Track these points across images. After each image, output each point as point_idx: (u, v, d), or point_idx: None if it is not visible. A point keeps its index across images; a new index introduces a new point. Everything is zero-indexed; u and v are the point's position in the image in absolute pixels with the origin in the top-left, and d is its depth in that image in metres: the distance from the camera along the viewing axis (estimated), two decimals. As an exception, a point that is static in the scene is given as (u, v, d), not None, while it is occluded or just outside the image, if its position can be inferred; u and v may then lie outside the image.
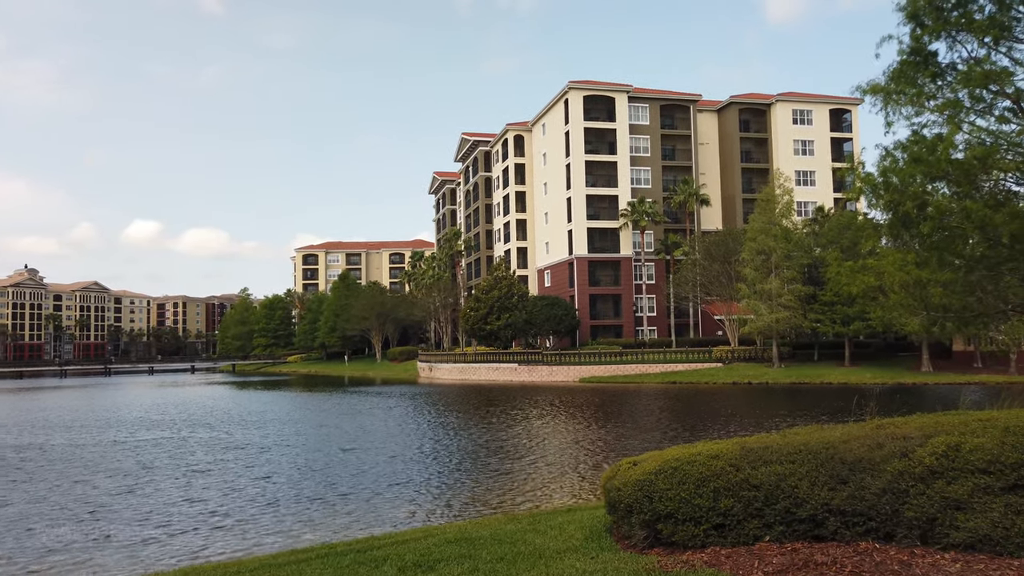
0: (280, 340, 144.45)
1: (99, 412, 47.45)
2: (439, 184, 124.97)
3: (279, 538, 14.69)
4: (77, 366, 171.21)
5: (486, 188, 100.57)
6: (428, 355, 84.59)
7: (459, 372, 74.10)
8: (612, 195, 78.57)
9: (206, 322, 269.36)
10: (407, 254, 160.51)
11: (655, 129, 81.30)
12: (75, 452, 27.83)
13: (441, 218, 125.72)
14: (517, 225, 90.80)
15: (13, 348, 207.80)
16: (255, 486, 19.95)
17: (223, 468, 22.94)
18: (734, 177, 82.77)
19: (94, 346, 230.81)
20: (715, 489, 7.77)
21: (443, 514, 16.43)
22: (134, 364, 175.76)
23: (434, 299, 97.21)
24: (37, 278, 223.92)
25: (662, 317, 77.73)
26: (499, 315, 73.82)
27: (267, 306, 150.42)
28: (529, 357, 67.76)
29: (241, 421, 38.24)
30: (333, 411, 42.87)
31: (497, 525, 12.13)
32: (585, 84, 79.25)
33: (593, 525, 10.47)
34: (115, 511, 17.30)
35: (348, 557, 10.57)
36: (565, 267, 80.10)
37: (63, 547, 14.39)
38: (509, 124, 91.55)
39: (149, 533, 15.26)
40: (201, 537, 14.86)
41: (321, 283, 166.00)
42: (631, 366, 62.46)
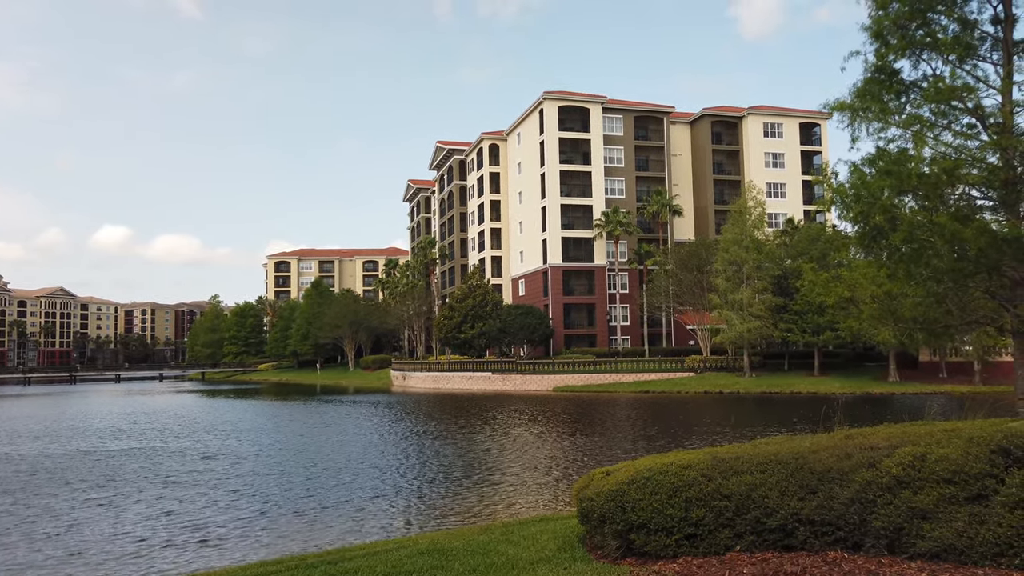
0: (251, 348, 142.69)
1: (66, 421, 46.44)
2: (414, 192, 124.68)
3: (251, 550, 14.48)
4: (41, 374, 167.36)
5: (461, 197, 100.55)
6: (402, 363, 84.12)
7: (433, 381, 73.80)
8: (586, 205, 79.01)
9: (175, 329, 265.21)
10: (381, 262, 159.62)
11: (629, 140, 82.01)
12: (44, 463, 27.21)
13: (416, 226, 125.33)
14: (492, 234, 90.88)
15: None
16: (228, 497, 19.65)
17: (196, 479, 22.57)
18: (706, 188, 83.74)
19: (59, 353, 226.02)
20: (687, 499, 7.82)
21: (416, 525, 16.33)
22: (100, 372, 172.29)
23: (408, 307, 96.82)
24: (1, 284, 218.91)
25: (635, 326, 78.21)
26: (473, 323, 73.70)
27: (238, 313, 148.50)
28: (503, 366, 67.72)
29: (213, 431, 37.68)
30: (305, 420, 42.40)
31: (470, 536, 12.08)
32: (560, 95, 79.71)
33: (566, 535, 10.48)
34: (88, 525, 16.94)
35: (319, 569, 10.47)
36: (540, 276, 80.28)
37: (40, 563, 14.05)
38: (484, 133, 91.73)
39: (122, 548, 14.96)
40: (176, 551, 14.60)
41: (293, 290, 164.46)
42: (605, 375, 62.70)
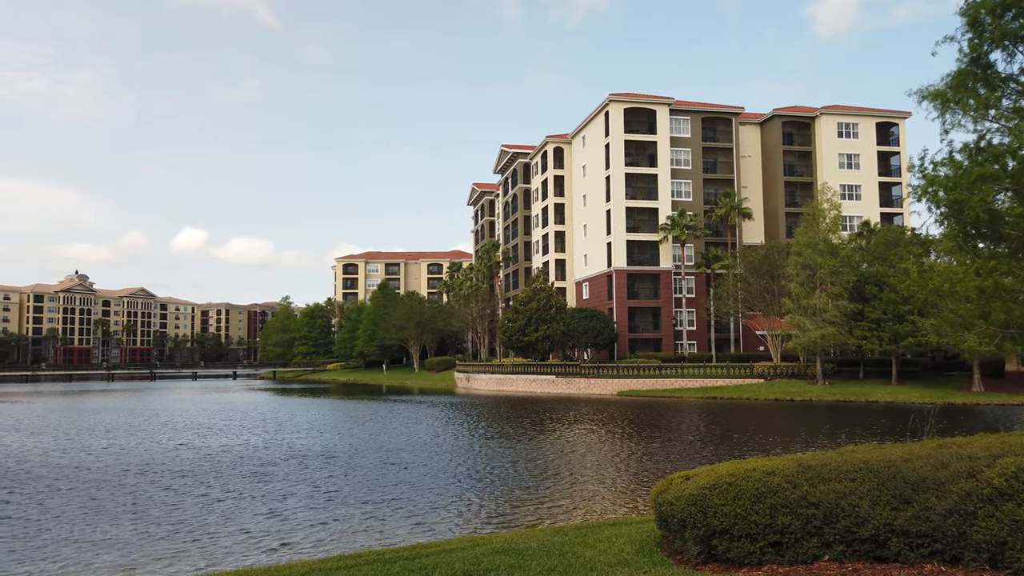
0: (320, 348, 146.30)
1: (159, 417, 48.63)
2: (478, 195, 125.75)
3: (328, 544, 14.86)
4: (124, 370, 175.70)
5: (525, 200, 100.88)
6: (465, 365, 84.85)
7: (496, 383, 74.18)
8: (652, 208, 78.16)
9: (248, 329, 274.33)
10: (445, 264, 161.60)
11: (696, 142, 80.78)
12: (145, 457, 28.54)
13: (480, 229, 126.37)
14: (556, 237, 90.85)
15: (63, 352, 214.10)
16: (307, 492, 20.24)
17: (283, 475, 23.27)
18: (777, 191, 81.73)
19: (140, 351, 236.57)
20: (772, 506, 7.68)
21: (487, 524, 16.46)
22: (178, 369, 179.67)
23: (472, 309, 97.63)
24: (87, 284, 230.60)
25: (702, 331, 76.89)
26: (537, 326, 73.81)
27: (308, 314, 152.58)
28: (567, 369, 67.55)
29: (293, 429, 38.82)
30: (376, 420, 43.25)
31: (544, 536, 12.12)
32: (626, 96, 79.14)
33: (643, 539, 10.41)
34: (187, 521, 17.70)
35: (397, 564, 10.67)
36: (604, 279, 79.82)
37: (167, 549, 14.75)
38: (549, 136, 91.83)
39: (230, 532, 15.57)
40: (268, 540, 15.11)
41: (360, 292, 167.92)
42: (670, 380, 61.85)
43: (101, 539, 15.30)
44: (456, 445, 30.36)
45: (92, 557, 13.98)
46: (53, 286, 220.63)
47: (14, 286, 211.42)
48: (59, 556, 14.06)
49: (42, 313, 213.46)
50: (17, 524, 16.74)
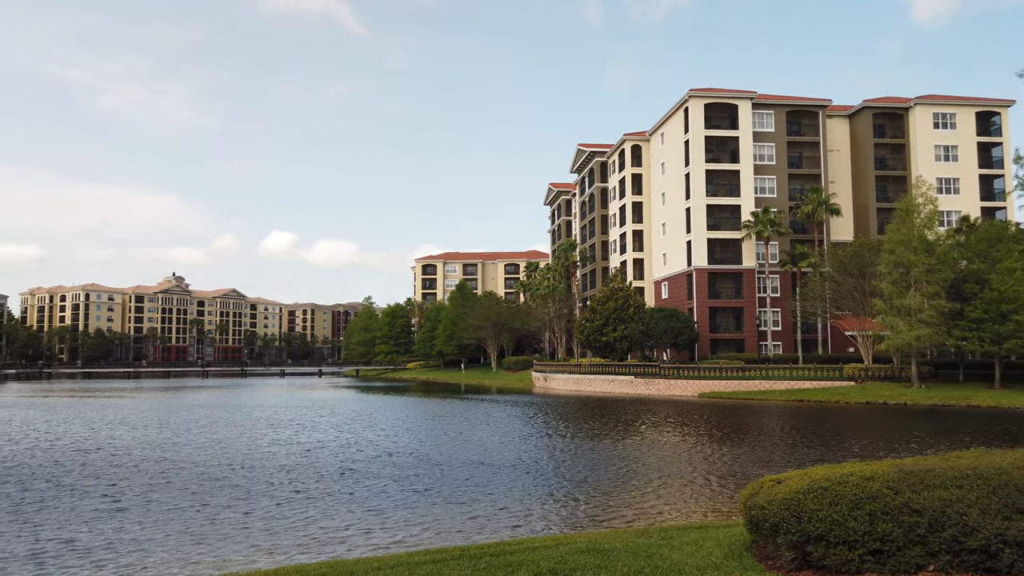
0: (401, 347, 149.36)
1: (254, 412, 50.83)
2: (555, 195, 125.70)
3: (413, 539, 15.18)
4: (217, 368, 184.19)
5: (602, 199, 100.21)
6: (543, 365, 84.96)
7: (574, 383, 73.98)
8: (734, 205, 76.29)
9: (332, 328, 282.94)
10: (522, 264, 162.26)
11: (781, 136, 78.34)
12: (245, 452, 29.92)
13: (556, 229, 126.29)
14: (633, 236, 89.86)
15: (161, 350, 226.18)
16: (394, 488, 20.76)
17: (376, 472, 23.88)
18: (867, 185, 78.37)
19: (232, 349, 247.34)
20: (871, 512, 7.42)
21: (569, 523, 16.47)
22: (267, 367, 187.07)
23: (549, 309, 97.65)
24: (183, 285, 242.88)
25: (788, 332, 74.53)
26: (615, 326, 73.20)
27: (389, 314, 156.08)
28: (646, 370, 66.72)
29: (381, 426, 39.84)
30: (458, 418, 43.90)
31: (628, 538, 12.04)
32: (706, 92, 77.52)
33: (731, 543, 10.21)
34: (289, 510, 18.49)
35: (483, 560, 10.82)
36: (684, 279, 78.44)
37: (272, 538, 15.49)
38: (626, 134, 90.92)
39: (307, 532, 16.19)
40: (359, 534, 15.61)
41: (439, 293, 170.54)
42: (754, 382, 60.22)
43: (205, 531, 16.11)
44: (537, 444, 30.47)
45: (194, 548, 14.74)
46: (152, 287, 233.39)
47: (117, 288, 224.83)
48: (166, 547, 14.89)
49: (142, 313, 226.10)
50: (130, 515, 17.81)
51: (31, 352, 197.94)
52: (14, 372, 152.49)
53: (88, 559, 13.74)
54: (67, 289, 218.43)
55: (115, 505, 18.47)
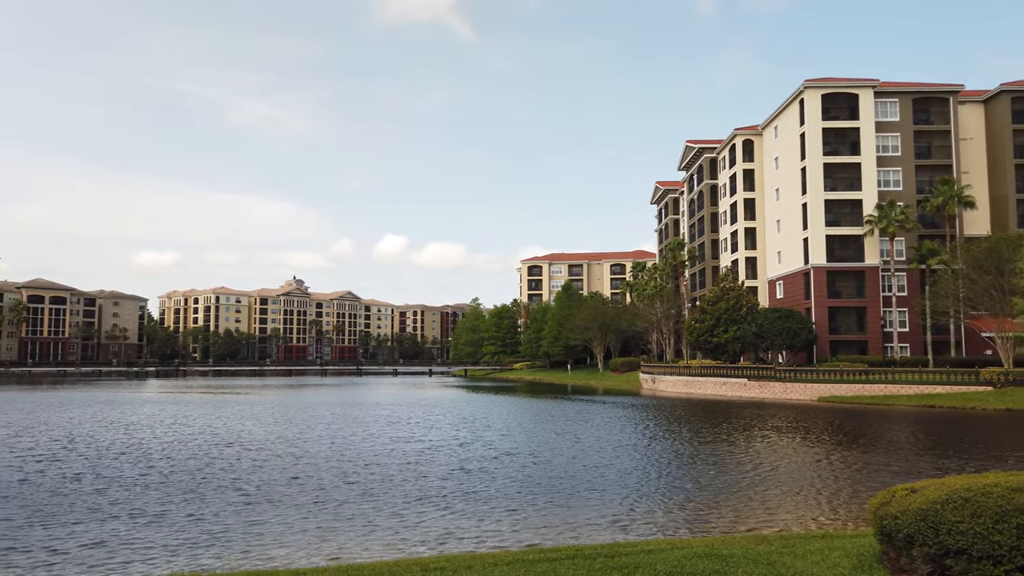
0: (507, 348, 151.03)
1: (367, 410, 53.00)
2: (661, 194, 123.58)
3: (523, 536, 15.37)
4: (334, 367, 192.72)
5: (711, 196, 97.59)
6: (651, 366, 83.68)
7: (683, 385, 72.43)
8: (855, 199, 72.39)
9: (441, 329, 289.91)
10: (628, 264, 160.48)
11: (906, 126, 73.65)
12: (363, 448, 31.30)
13: (663, 228, 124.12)
14: (745, 234, 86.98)
15: (283, 349, 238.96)
16: (504, 486, 21.12)
17: (492, 470, 24.35)
18: (1006, 176, 72.40)
19: (347, 349, 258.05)
20: (1019, 526, 6.94)
21: (681, 527, 16.20)
22: (380, 366, 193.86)
23: (656, 310, 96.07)
24: (303, 288, 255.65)
25: (916, 333, 69.97)
26: (726, 327, 71.12)
27: (495, 315, 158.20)
28: (760, 372, 64.41)
29: (496, 427, 40.57)
30: (566, 419, 44.02)
31: (747, 544, 11.74)
32: (823, 82, 74.01)
33: (860, 554, 9.77)
34: (404, 505, 19.24)
35: (598, 561, 10.84)
36: (800, 277, 75.19)
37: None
38: (737, 129, 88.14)
39: (423, 528, 16.75)
40: (473, 529, 16.02)
41: (545, 293, 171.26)
42: (879, 386, 56.90)
43: (332, 525, 16.96)
44: (648, 446, 30.11)
45: (320, 541, 15.53)
46: (275, 290, 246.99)
47: (244, 291, 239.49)
48: (295, 539, 15.77)
49: (266, 315, 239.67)
50: (262, 508, 18.99)
51: (168, 351, 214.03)
52: (154, 369, 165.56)
53: (225, 548, 14.76)
54: (200, 292, 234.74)
55: (246, 497, 19.73)
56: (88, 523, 15.94)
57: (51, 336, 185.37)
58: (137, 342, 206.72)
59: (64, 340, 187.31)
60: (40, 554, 13.74)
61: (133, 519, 16.61)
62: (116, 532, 15.32)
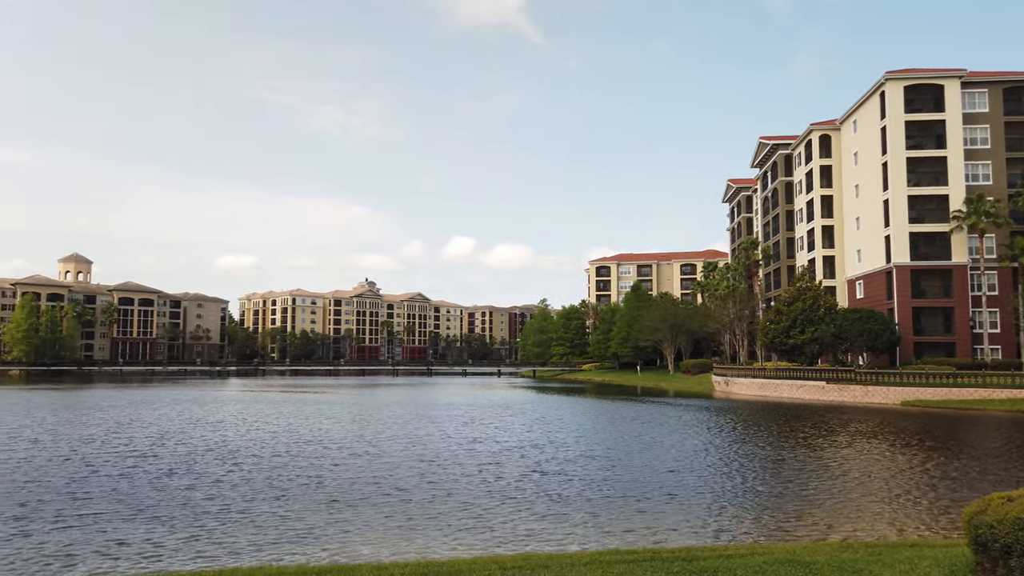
0: (575, 349, 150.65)
1: (443, 410, 53.90)
2: (734, 192, 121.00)
3: (596, 538, 15.43)
4: (405, 367, 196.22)
5: (786, 193, 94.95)
6: (723, 368, 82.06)
7: (758, 388, 70.75)
8: (940, 195, 69.23)
9: (509, 330, 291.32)
10: (699, 264, 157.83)
11: (997, 116, 69.99)
12: (440, 447, 31.96)
13: (736, 227, 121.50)
14: (822, 232, 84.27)
15: (356, 349, 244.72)
16: (585, 488, 21.22)
17: (569, 472, 24.47)
18: (1109, 166, 67.91)
19: (417, 349, 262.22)
20: None
21: (760, 532, 15.94)
22: (450, 367, 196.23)
23: (729, 311, 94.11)
24: (375, 290, 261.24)
25: (1009, 334, 66.37)
26: (803, 329, 69.10)
27: (563, 316, 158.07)
28: (839, 375, 62.34)
29: (570, 428, 40.68)
30: (638, 420, 43.70)
31: (831, 552, 11.51)
32: (905, 73, 71.09)
33: (952, 563, 9.48)
34: (477, 502, 19.61)
35: (676, 564, 10.83)
36: (881, 276, 72.39)
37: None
38: (813, 124, 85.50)
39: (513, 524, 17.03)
40: (549, 529, 16.21)
41: (613, 294, 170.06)
42: (969, 390, 54.26)
43: (412, 523, 17.40)
44: (724, 450, 29.65)
45: (401, 540, 15.95)
46: (348, 292, 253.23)
47: (319, 292, 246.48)
48: (377, 536, 16.24)
49: (340, 316, 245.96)
50: (339, 508, 19.62)
51: (248, 351, 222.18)
52: (235, 369, 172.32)
53: (309, 545, 15.36)
54: (277, 294, 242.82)
55: (329, 495, 20.41)
56: (181, 518, 16.78)
57: (140, 336, 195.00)
58: (219, 342, 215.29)
59: (152, 340, 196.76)
60: (144, 546, 14.57)
61: (223, 514, 17.41)
62: (207, 527, 16.07)
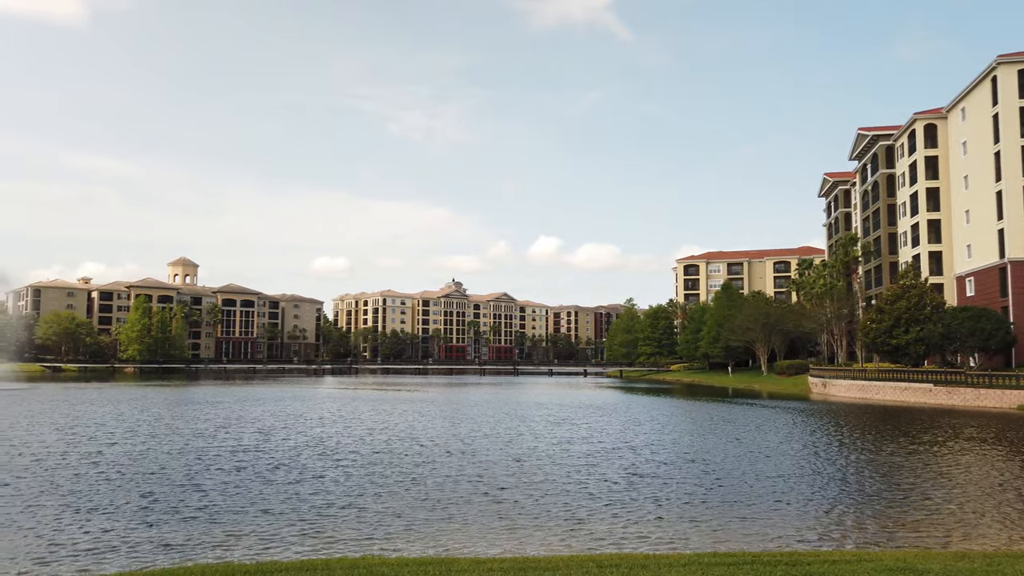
0: (663, 349, 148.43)
1: (530, 409, 54.37)
2: (830, 186, 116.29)
3: (692, 541, 15.27)
4: (491, 366, 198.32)
5: (888, 187, 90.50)
6: (821, 370, 79.06)
7: (858, 390, 67.78)
8: (1061, 184, 64.42)
9: (595, 329, 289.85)
10: (793, 262, 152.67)
11: (1125, 98, 64.61)
12: (533, 445, 32.36)
13: (833, 222, 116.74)
14: (928, 226, 79.86)
15: (444, 349, 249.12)
16: (683, 490, 21.04)
17: (666, 474, 24.21)
18: None
19: (503, 349, 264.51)
20: None
21: (865, 539, 15.36)
22: (536, 366, 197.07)
23: (826, 310, 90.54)
24: (461, 290, 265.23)
25: None
26: (907, 328, 65.71)
27: (650, 316, 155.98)
28: (948, 377, 58.96)
29: (656, 429, 40.34)
30: (734, 423, 42.74)
31: (945, 560, 11.04)
32: (1018, 56, 66.56)
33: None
34: (573, 502, 19.81)
35: (778, 569, 10.66)
36: (994, 273, 68.01)
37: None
38: (917, 113, 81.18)
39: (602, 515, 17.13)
40: (649, 531, 16.21)
41: (702, 293, 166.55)
42: (1095, 394, 50.32)
43: (502, 521, 17.71)
44: (825, 453, 28.65)
45: (495, 535, 16.27)
46: (436, 293, 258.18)
47: (408, 293, 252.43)
48: (468, 535, 16.61)
49: (428, 316, 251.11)
50: (439, 505, 20.14)
51: (341, 350, 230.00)
52: (329, 367, 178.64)
53: (410, 543, 15.85)
54: (368, 295, 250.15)
55: (426, 491, 20.97)
56: (289, 513, 17.54)
57: (242, 336, 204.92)
58: (314, 341, 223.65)
59: (252, 340, 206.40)
60: (254, 539, 15.41)
61: (327, 508, 18.17)
62: (313, 521, 16.81)
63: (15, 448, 28.29)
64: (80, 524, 16.05)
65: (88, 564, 13.09)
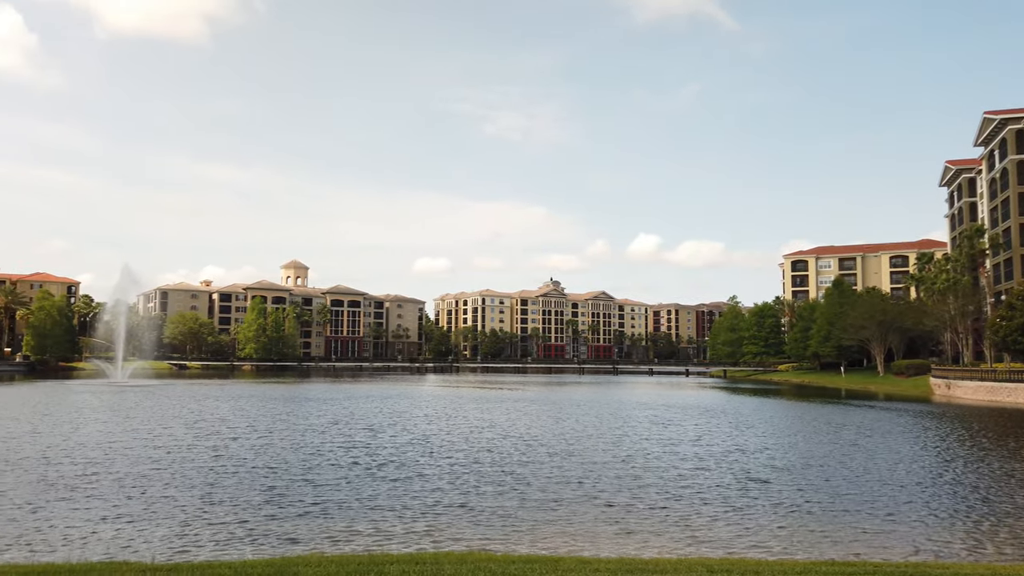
0: (770, 348, 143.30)
1: (633, 409, 53.94)
2: (953, 174, 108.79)
3: (802, 547, 14.77)
4: (590, 365, 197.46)
5: (1019, 173, 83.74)
6: (944, 370, 74.21)
7: (986, 391, 63.18)
8: None
9: (696, 328, 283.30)
10: (911, 256, 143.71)
11: None
12: (641, 446, 32.20)
13: (956, 213, 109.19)
14: (1067, 215, 73.41)
15: (542, 348, 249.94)
16: (777, 494, 20.40)
17: (773, 479, 23.58)
18: None
19: (602, 348, 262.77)
20: None
21: (1001, 555, 14.37)
22: (636, 365, 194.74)
23: (949, 306, 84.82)
24: (559, 289, 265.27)
25: None
26: (1044, 326, 60.74)
27: (756, 314, 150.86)
28: (1092, 379, 54.10)
29: (771, 433, 39.13)
30: (847, 426, 40.87)
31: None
32: None
33: None
34: (683, 504, 19.58)
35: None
36: None
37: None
38: (1052, 92, 74.78)
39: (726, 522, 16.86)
40: (762, 536, 15.84)
41: (811, 290, 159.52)
42: None
43: (612, 523, 17.69)
44: (965, 462, 26.92)
45: (605, 537, 16.26)
46: (534, 291, 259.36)
47: (507, 292, 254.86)
48: (577, 535, 16.68)
49: (526, 315, 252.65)
50: (549, 506, 20.29)
51: (443, 348, 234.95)
52: (431, 365, 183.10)
53: (517, 545, 16.07)
54: (468, 295, 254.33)
55: (537, 490, 21.16)
56: (401, 509, 18.08)
57: (349, 335, 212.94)
58: (417, 340, 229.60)
59: (359, 339, 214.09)
60: (369, 536, 16.08)
61: (438, 505, 18.66)
62: (424, 517, 17.32)
63: (150, 442, 30.60)
64: (209, 514, 17.21)
65: (218, 553, 14.01)
